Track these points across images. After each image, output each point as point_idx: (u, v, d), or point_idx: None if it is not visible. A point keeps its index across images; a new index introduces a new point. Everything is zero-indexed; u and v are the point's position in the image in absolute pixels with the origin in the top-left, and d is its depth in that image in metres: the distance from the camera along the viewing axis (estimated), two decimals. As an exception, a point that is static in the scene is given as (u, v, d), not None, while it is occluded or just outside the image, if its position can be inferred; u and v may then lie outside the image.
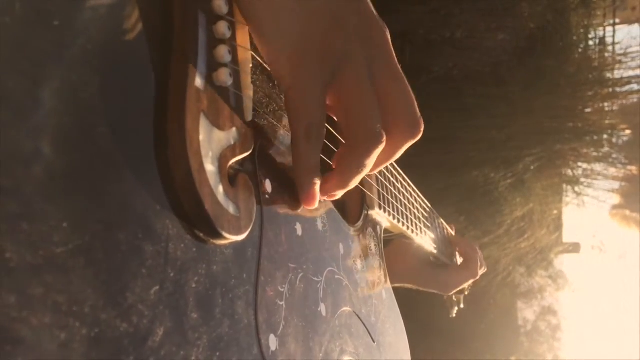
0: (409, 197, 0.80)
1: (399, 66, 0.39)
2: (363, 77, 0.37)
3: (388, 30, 0.40)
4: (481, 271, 1.00)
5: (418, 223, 0.81)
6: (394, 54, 0.39)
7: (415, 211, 0.81)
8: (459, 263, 1.04)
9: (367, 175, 0.63)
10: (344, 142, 0.41)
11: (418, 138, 0.40)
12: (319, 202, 0.42)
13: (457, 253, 1.05)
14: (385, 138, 0.38)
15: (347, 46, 0.37)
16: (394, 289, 0.66)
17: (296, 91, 0.36)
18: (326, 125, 0.39)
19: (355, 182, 0.41)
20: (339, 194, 0.41)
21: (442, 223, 1.01)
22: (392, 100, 0.39)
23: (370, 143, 0.38)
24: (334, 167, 0.42)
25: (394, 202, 0.70)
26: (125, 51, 0.29)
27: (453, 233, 1.07)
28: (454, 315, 0.97)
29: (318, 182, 0.39)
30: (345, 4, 0.37)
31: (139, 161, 0.28)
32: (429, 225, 0.90)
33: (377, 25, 0.39)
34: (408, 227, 0.76)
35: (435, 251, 0.90)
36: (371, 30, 0.38)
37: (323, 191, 0.41)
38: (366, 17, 0.38)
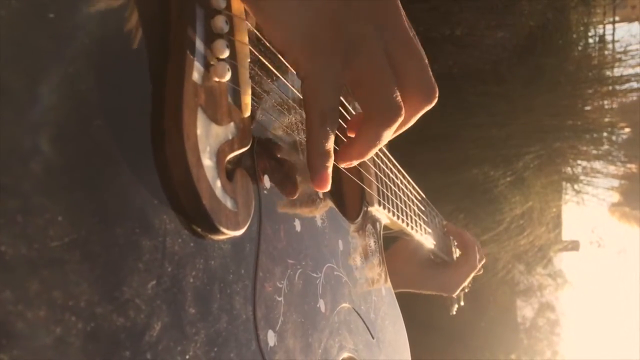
0: (409, 193, 0.80)
1: (412, 33, 0.40)
2: (378, 56, 0.38)
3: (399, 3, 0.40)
4: (480, 263, 0.99)
5: (417, 219, 0.81)
6: (407, 26, 0.39)
7: (415, 207, 0.81)
8: (457, 256, 1.04)
9: (366, 172, 0.63)
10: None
11: (434, 104, 0.41)
12: (322, 193, 0.43)
13: (454, 247, 1.04)
14: (403, 110, 0.39)
15: (359, 28, 0.37)
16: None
17: (312, 79, 0.37)
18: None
19: (373, 153, 0.42)
20: (355, 163, 0.43)
21: (439, 217, 1.01)
22: (407, 70, 0.39)
23: (390, 116, 0.39)
24: (350, 135, 0.44)
25: (393, 198, 0.70)
26: (122, 46, 0.29)
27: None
28: (454, 312, 0.97)
29: (330, 166, 0.40)
30: None
31: (136, 155, 0.28)
32: (428, 221, 0.90)
33: (389, 2, 0.39)
34: (407, 224, 0.76)
35: (433, 247, 0.90)
36: (383, 8, 0.38)
37: (340, 159, 0.42)
38: (388, 10, 0.39)
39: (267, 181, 0.40)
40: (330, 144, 0.39)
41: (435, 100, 0.41)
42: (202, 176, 0.30)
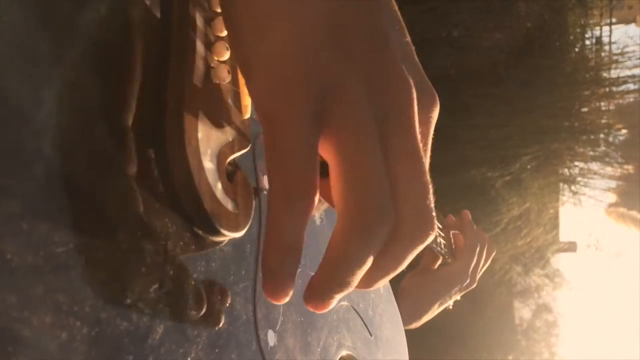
0: None
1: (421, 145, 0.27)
2: (366, 121, 0.25)
3: (434, 96, 0.29)
4: (485, 247, 0.97)
5: None
6: (417, 124, 0.27)
7: None
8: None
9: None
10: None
11: (425, 244, 0.28)
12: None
13: (452, 240, 1.03)
14: (392, 219, 0.26)
15: (342, 70, 0.26)
16: (392, 286, 0.67)
17: (272, 126, 0.25)
18: None
19: (353, 282, 0.28)
20: (333, 303, 0.28)
21: (439, 217, 1.00)
22: (401, 183, 0.26)
23: (366, 216, 0.25)
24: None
25: None
26: (122, 49, 0.29)
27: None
28: (451, 307, 0.97)
29: (292, 270, 0.27)
30: (355, 13, 0.26)
31: (137, 159, 0.28)
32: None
33: (399, 73, 0.27)
34: None
35: (436, 246, 0.89)
36: (388, 70, 0.26)
37: (312, 296, 0.28)
38: (384, 58, 0.26)
39: (266, 182, 0.40)
40: (296, 237, 0.26)
41: (429, 240, 0.28)
42: (204, 179, 0.31)
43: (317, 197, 0.26)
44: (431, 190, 0.27)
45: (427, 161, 0.29)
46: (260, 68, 0.26)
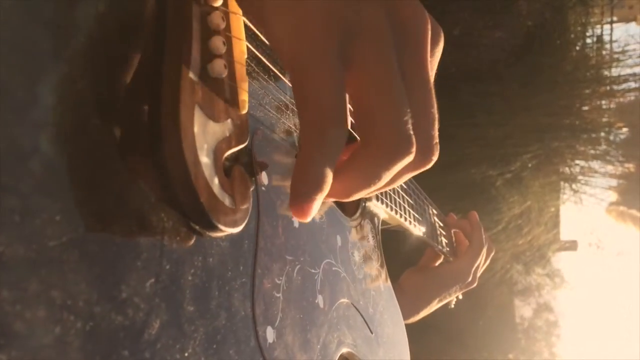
0: (406, 188, 0.80)
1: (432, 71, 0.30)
2: (388, 55, 0.28)
3: (439, 30, 0.31)
4: (486, 247, 0.97)
5: (415, 214, 0.81)
6: (429, 57, 0.29)
7: (413, 202, 0.81)
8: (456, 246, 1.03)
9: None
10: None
11: (428, 167, 0.31)
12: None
13: (453, 239, 1.04)
14: (415, 146, 0.28)
15: (361, 11, 0.28)
16: (393, 281, 0.66)
17: (299, 67, 0.27)
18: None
19: (358, 196, 0.31)
20: (331, 200, 0.32)
21: (437, 212, 1.00)
22: (415, 113, 0.29)
23: (398, 149, 0.28)
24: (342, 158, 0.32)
25: (391, 193, 0.70)
26: (118, 43, 0.29)
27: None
28: (453, 306, 0.97)
29: (320, 198, 0.29)
30: None
31: (133, 153, 0.28)
32: (425, 215, 0.89)
33: (415, 8, 0.29)
34: (405, 219, 0.76)
35: (430, 239, 0.89)
36: (404, 8, 0.29)
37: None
38: None
39: (264, 178, 0.40)
40: (326, 172, 0.28)
41: (431, 164, 0.31)
42: (200, 174, 0.30)
43: (348, 128, 0.28)
44: (436, 121, 0.30)
45: None
46: (282, 18, 0.28)
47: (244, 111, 0.36)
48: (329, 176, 0.28)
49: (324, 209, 0.49)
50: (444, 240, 0.98)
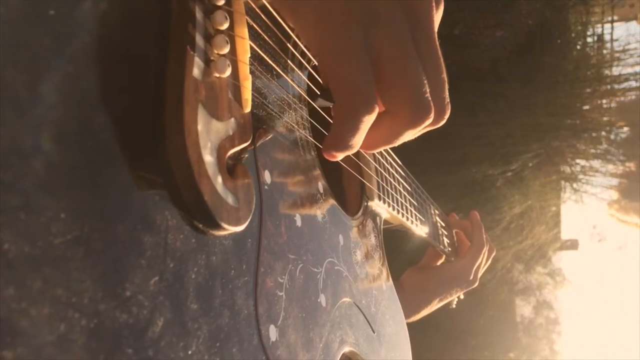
0: (408, 187, 0.80)
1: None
2: (404, 38, 0.33)
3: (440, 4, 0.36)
4: (486, 247, 0.97)
5: (417, 214, 0.81)
6: (435, 28, 0.35)
7: (416, 202, 0.81)
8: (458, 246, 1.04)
9: (366, 167, 0.63)
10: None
11: (442, 123, 0.37)
12: (322, 188, 0.39)
13: (455, 238, 1.04)
14: (433, 110, 0.34)
15: (379, 5, 0.32)
16: (394, 280, 0.66)
17: (326, 55, 0.32)
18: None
19: (383, 148, 0.37)
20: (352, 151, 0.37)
21: (439, 212, 1.00)
22: (430, 80, 0.34)
23: (419, 114, 0.34)
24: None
25: (393, 193, 0.70)
26: (122, 42, 0.29)
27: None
28: (454, 306, 0.97)
29: (352, 151, 0.35)
30: None
31: (137, 152, 0.28)
32: (428, 215, 0.90)
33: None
34: (407, 218, 0.76)
35: (432, 239, 0.89)
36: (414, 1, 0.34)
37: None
38: None
39: (267, 176, 0.40)
40: (357, 140, 0.34)
41: (444, 122, 0.37)
42: (204, 172, 0.30)
43: (377, 108, 0.33)
44: (446, 83, 0.36)
45: None
46: (308, 13, 0.32)
47: (247, 110, 0.36)
48: (358, 144, 0.34)
49: (326, 208, 0.49)
50: (446, 240, 0.98)
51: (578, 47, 3.77)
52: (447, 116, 0.36)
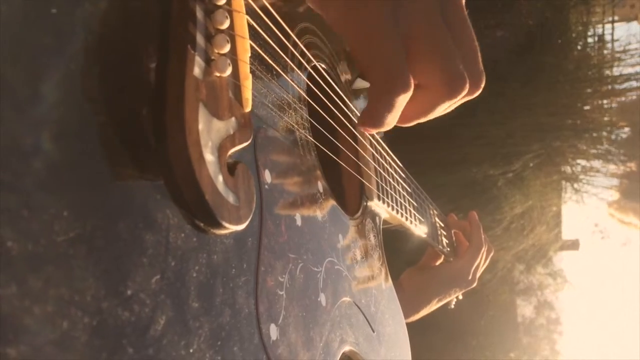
0: (407, 188, 0.80)
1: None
2: (434, 14, 0.33)
3: None
4: (484, 248, 0.97)
5: (416, 214, 0.81)
6: (464, 4, 0.35)
7: (414, 202, 0.82)
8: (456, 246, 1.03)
9: (365, 167, 0.63)
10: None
11: (479, 92, 0.37)
12: (322, 188, 0.40)
13: (453, 239, 1.04)
14: (468, 82, 0.35)
15: None
16: (393, 280, 0.67)
17: (358, 37, 0.32)
18: None
19: (416, 122, 0.37)
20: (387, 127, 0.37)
21: (438, 211, 1.00)
22: (465, 50, 0.35)
23: (455, 86, 0.34)
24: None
25: (392, 193, 0.70)
26: (123, 41, 0.29)
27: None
28: (453, 306, 0.97)
29: (387, 128, 0.35)
30: None
31: (138, 151, 0.28)
32: (427, 215, 0.90)
33: None
34: (407, 218, 0.76)
35: (431, 239, 0.89)
36: None
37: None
38: None
39: (268, 176, 0.40)
40: (395, 112, 0.34)
41: (480, 90, 0.37)
42: (205, 171, 0.30)
43: (412, 86, 0.33)
44: (479, 53, 0.36)
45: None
46: (339, 4, 0.33)
47: (248, 109, 0.37)
48: (394, 121, 0.35)
49: (326, 207, 0.50)
50: (445, 241, 0.98)
51: (579, 47, 3.77)
52: (482, 85, 0.36)
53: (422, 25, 0.33)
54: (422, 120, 0.37)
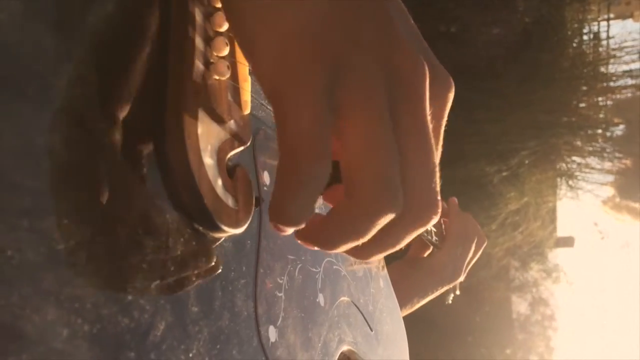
0: None
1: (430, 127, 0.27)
2: (377, 100, 0.25)
3: (447, 78, 0.29)
4: (475, 240, 0.90)
5: None
6: (428, 104, 0.27)
7: None
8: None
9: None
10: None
11: (427, 227, 0.28)
12: None
13: (444, 227, 0.99)
14: (402, 202, 0.26)
15: (352, 48, 0.26)
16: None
17: (283, 102, 0.25)
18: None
19: (344, 248, 0.27)
20: (315, 248, 0.29)
21: None
22: (409, 164, 0.26)
23: (380, 202, 0.25)
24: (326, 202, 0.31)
25: None
26: (122, 46, 0.29)
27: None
28: (450, 301, 0.94)
29: (301, 223, 0.27)
30: (363, 5, 0.26)
31: (137, 156, 0.28)
32: None
33: (409, 51, 0.26)
34: None
35: (426, 234, 0.86)
36: (398, 49, 0.26)
37: (299, 235, 0.29)
38: (392, 37, 0.26)
39: (266, 178, 0.40)
40: (303, 206, 0.25)
41: (433, 222, 0.27)
42: (204, 175, 0.30)
43: (329, 165, 0.25)
44: (438, 173, 0.27)
45: (439, 146, 0.29)
46: (267, 47, 0.26)
47: (247, 112, 0.37)
48: (306, 213, 0.26)
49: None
50: (433, 229, 0.94)
51: (574, 44, 3.78)
52: (434, 215, 0.27)
53: (358, 112, 0.25)
54: (345, 243, 0.27)
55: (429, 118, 0.27)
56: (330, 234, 0.27)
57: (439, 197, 0.27)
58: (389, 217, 0.26)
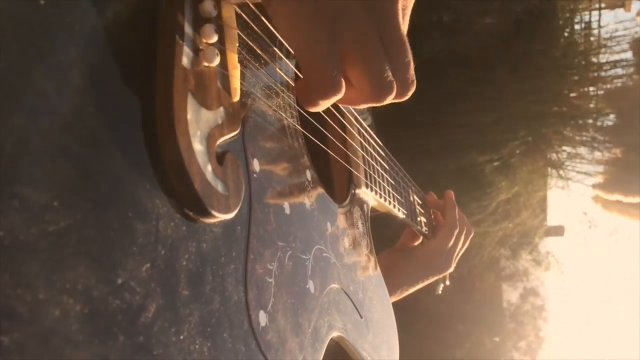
0: (386, 167, 0.79)
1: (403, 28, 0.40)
2: (365, 28, 0.38)
3: None
4: (463, 231, 0.94)
5: (395, 194, 0.80)
6: (399, 18, 0.40)
7: (393, 181, 0.80)
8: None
9: (353, 155, 0.63)
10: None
11: (406, 98, 0.43)
12: (310, 176, 0.43)
13: (433, 217, 1.00)
14: (395, 89, 0.40)
15: (342, 5, 0.37)
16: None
17: (299, 54, 0.37)
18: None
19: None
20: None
21: (416, 189, 0.97)
22: (395, 61, 0.40)
23: (382, 92, 0.40)
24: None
25: (380, 181, 0.71)
26: (112, 33, 0.29)
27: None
28: (440, 292, 0.96)
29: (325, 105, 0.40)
30: None
31: (128, 141, 0.28)
32: (405, 194, 0.88)
33: None
34: (394, 206, 0.76)
35: (408, 219, 0.87)
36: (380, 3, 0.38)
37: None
38: None
39: (256, 165, 0.40)
40: (325, 104, 0.39)
41: (408, 97, 0.42)
42: (193, 160, 0.31)
43: (341, 90, 0.38)
44: (412, 62, 0.41)
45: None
46: (283, 15, 0.36)
47: (236, 98, 0.37)
48: (324, 107, 0.39)
49: (314, 195, 0.50)
50: (423, 220, 0.95)
51: (566, 34, 3.79)
52: (410, 92, 0.42)
53: (354, 40, 0.38)
54: (352, 107, 0.43)
55: (403, 28, 0.40)
56: (344, 101, 0.40)
57: (414, 80, 0.42)
58: (390, 98, 0.41)
